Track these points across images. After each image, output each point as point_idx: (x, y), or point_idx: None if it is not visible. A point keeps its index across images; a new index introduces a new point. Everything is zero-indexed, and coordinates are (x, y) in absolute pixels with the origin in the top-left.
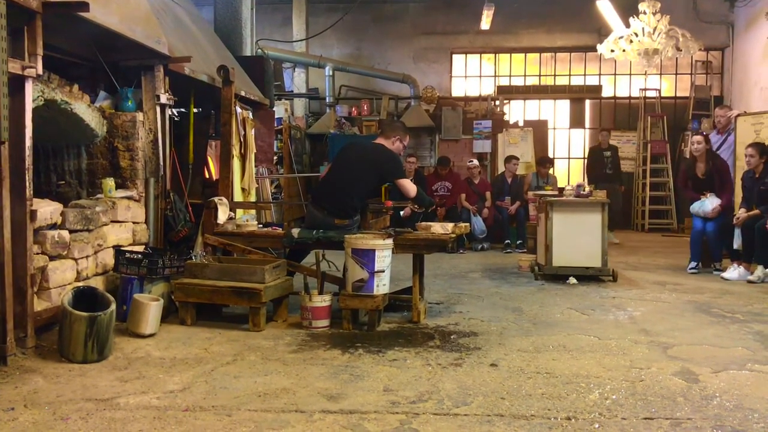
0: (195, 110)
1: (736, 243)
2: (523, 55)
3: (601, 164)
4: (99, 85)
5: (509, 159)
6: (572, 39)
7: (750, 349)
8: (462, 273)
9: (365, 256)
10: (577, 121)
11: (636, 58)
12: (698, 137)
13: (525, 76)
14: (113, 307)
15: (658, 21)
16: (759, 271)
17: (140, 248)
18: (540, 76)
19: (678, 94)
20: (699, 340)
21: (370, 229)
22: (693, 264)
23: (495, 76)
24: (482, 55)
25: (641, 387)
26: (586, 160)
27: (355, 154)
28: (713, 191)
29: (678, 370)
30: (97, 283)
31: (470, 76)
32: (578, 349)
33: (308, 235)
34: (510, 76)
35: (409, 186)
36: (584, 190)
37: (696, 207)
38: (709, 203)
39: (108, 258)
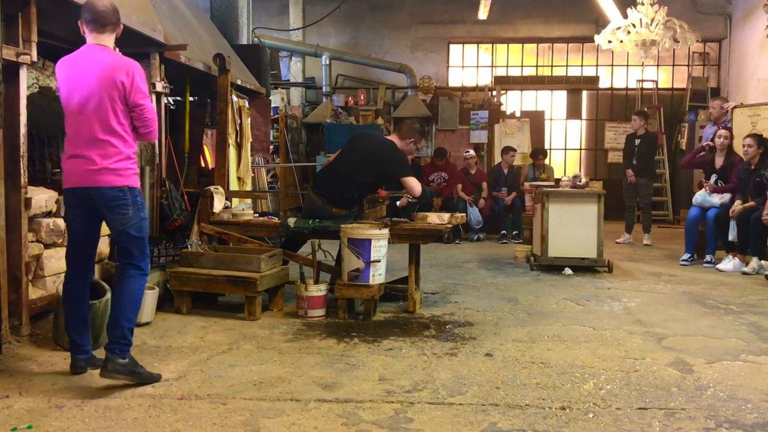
0: (191, 99)
1: (732, 235)
2: (521, 45)
3: (630, 154)
4: None
5: (507, 150)
6: (570, 29)
7: (744, 340)
8: (458, 263)
9: (361, 246)
10: (574, 112)
11: (633, 49)
12: (725, 131)
13: (522, 66)
14: (108, 295)
15: (656, 12)
16: (754, 262)
17: None
18: (537, 66)
19: (675, 86)
20: (693, 331)
21: (367, 219)
22: (687, 255)
23: (492, 66)
24: (479, 45)
25: (635, 377)
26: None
27: (364, 147)
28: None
29: (672, 361)
30: None
31: (467, 66)
32: (573, 339)
33: (304, 224)
34: (507, 66)
35: (415, 185)
36: (581, 181)
37: (699, 198)
38: (717, 198)
39: (103, 246)
